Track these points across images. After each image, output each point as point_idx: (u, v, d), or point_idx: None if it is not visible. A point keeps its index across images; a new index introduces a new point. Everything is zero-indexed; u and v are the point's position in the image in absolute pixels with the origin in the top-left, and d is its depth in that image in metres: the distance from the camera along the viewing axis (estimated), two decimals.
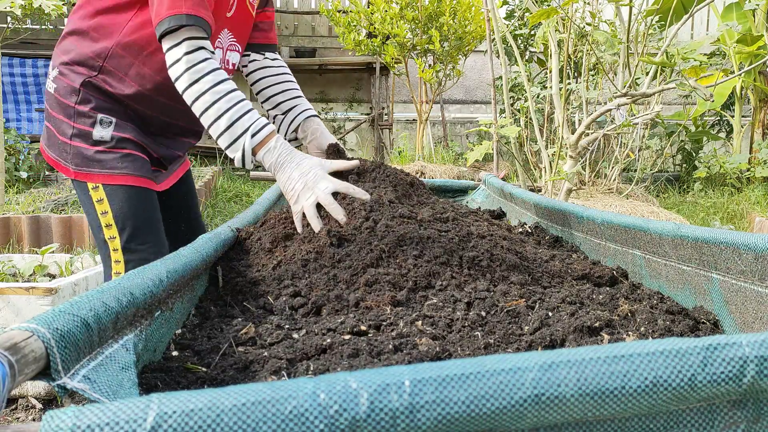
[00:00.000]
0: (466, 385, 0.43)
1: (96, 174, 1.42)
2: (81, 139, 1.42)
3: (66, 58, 1.44)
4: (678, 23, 2.32)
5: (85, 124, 1.41)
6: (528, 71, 5.47)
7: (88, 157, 1.42)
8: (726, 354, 0.46)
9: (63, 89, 1.43)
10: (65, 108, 1.43)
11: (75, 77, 1.42)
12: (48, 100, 1.48)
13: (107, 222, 1.43)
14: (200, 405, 0.40)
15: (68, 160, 1.44)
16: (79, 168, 1.43)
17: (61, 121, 1.44)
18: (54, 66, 1.47)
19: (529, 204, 1.85)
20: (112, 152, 1.42)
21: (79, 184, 1.45)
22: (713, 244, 0.92)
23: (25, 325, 0.55)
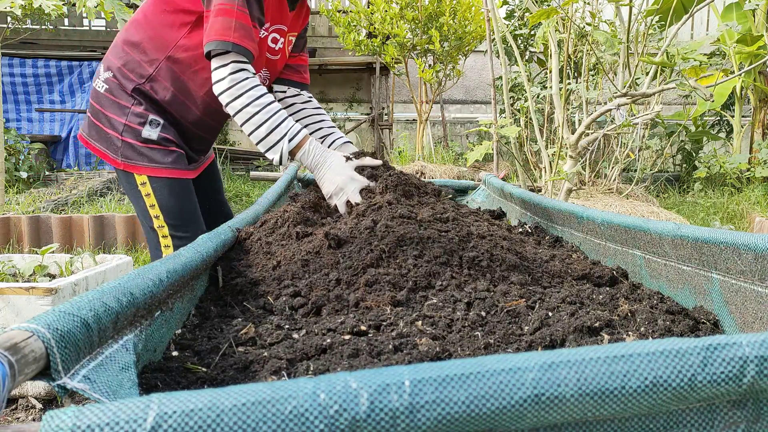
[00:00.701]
0: (466, 385, 0.43)
1: (143, 166, 1.60)
2: (131, 136, 1.59)
3: (119, 63, 1.61)
4: (678, 23, 2.32)
5: (135, 123, 1.59)
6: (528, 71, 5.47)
7: (137, 151, 1.59)
8: (726, 354, 0.46)
9: (116, 90, 1.61)
10: (119, 107, 1.60)
11: (127, 82, 1.60)
12: (96, 98, 1.64)
13: (155, 213, 1.63)
14: (200, 405, 0.40)
15: (117, 152, 1.60)
16: (128, 160, 1.60)
17: (112, 117, 1.60)
18: (106, 68, 1.64)
19: (529, 204, 1.85)
20: (158, 148, 1.61)
21: (126, 175, 1.62)
22: (713, 244, 0.92)
23: (25, 325, 0.55)
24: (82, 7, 3.62)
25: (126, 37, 1.62)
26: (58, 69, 7.12)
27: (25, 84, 7.11)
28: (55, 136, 7.04)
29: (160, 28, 1.58)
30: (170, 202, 1.62)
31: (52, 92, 7.20)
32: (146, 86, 1.60)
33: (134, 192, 1.63)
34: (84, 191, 4.74)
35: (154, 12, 1.59)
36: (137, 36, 1.60)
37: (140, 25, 1.60)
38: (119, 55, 1.61)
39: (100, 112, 1.63)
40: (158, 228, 1.64)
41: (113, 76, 1.61)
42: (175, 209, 1.63)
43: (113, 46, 1.65)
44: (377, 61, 7.22)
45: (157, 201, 1.61)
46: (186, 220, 1.65)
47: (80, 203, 4.44)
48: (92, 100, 1.66)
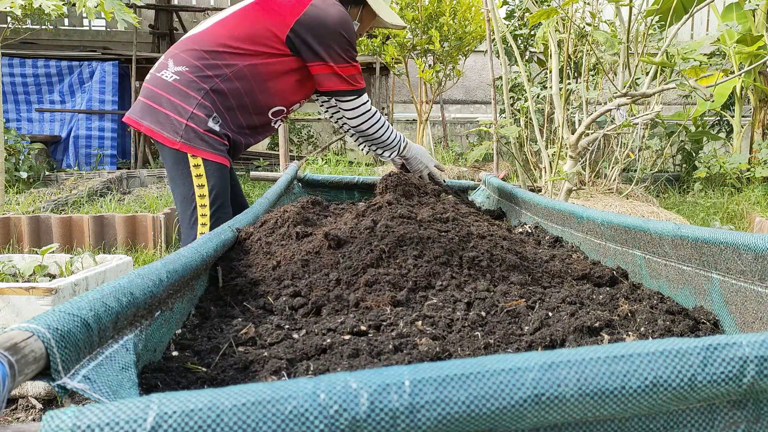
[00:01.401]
0: (466, 385, 0.43)
1: (201, 150, 1.78)
2: (196, 122, 1.77)
3: (197, 62, 1.79)
4: (678, 23, 2.32)
5: (203, 113, 1.78)
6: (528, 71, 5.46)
7: (199, 135, 1.78)
8: (726, 354, 0.46)
9: (188, 83, 1.78)
10: (188, 97, 1.78)
11: (201, 80, 1.78)
12: (161, 86, 1.81)
13: (202, 193, 1.81)
14: (200, 405, 0.40)
15: (177, 133, 1.77)
16: (188, 142, 1.77)
17: (179, 104, 1.78)
18: (179, 63, 1.81)
19: (529, 204, 1.85)
20: (216, 138, 1.81)
21: (179, 155, 1.78)
22: (713, 244, 0.92)
23: (25, 325, 0.55)
24: (82, 7, 3.62)
25: (205, 43, 1.82)
26: (58, 69, 7.11)
27: (25, 84, 7.11)
28: (55, 136, 7.04)
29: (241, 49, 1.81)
30: (220, 184, 1.82)
31: (52, 92, 7.20)
32: (219, 86, 1.79)
33: (184, 172, 1.80)
34: (84, 191, 4.74)
35: (237, 37, 1.82)
36: (218, 47, 1.81)
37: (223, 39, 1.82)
38: (197, 56, 1.81)
39: (163, 97, 1.79)
40: (200, 207, 1.82)
41: (188, 71, 1.79)
42: (222, 192, 1.83)
43: (189, 45, 1.84)
44: (377, 61, 7.22)
45: (207, 182, 1.80)
46: (225, 200, 1.86)
47: (80, 203, 4.44)
48: (153, 87, 1.82)
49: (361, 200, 2.49)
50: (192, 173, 1.80)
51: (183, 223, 1.88)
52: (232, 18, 1.86)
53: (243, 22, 1.83)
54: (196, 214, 1.82)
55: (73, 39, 8.23)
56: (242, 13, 1.86)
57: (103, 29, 8.44)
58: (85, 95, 7.13)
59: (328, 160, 6.58)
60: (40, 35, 7.61)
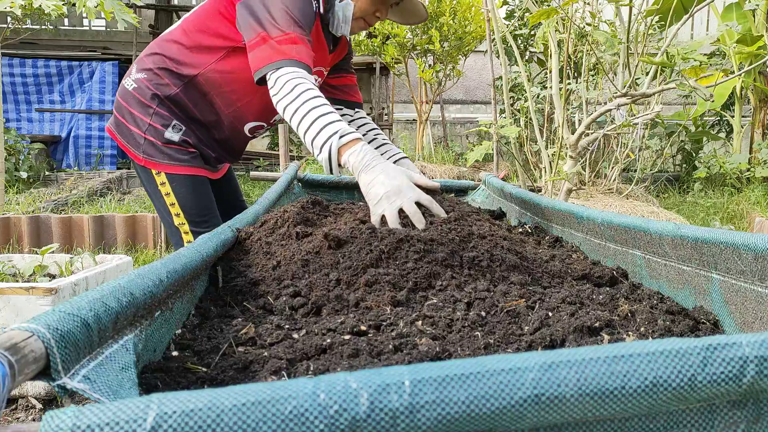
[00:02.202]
0: (466, 385, 0.43)
1: (162, 164, 1.67)
2: (153, 135, 1.66)
3: (154, 67, 1.67)
4: (678, 23, 2.32)
5: (159, 124, 1.66)
6: (528, 71, 5.46)
7: (158, 149, 1.67)
8: (726, 354, 0.46)
9: (145, 92, 1.67)
10: (145, 107, 1.66)
11: (158, 87, 1.66)
12: (124, 96, 1.70)
13: (176, 211, 1.70)
14: (200, 405, 0.40)
15: (139, 148, 1.68)
16: (149, 157, 1.67)
17: (137, 116, 1.67)
18: (140, 69, 1.70)
19: (529, 204, 1.85)
20: (177, 148, 1.68)
21: (145, 171, 1.69)
22: (713, 244, 0.92)
23: (25, 325, 0.55)
24: (82, 7, 3.62)
25: (163, 45, 1.69)
26: (58, 69, 7.11)
27: (25, 84, 7.11)
28: (55, 136, 7.04)
29: (196, 47, 1.65)
30: (188, 198, 1.69)
31: (52, 92, 7.20)
32: (176, 95, 1.66)
33: (154, 189, 1.71)
34: (84, 191, 4.74)
35: (193, 30, 1.66)
36: (174, 47, 1.67)
37: (179, 38, 1.67)
38: (154, 60, 1.68)
39: (126, 108, 1.70)
40: (179, 225, 1.72)
41: (145, 78, 1.67)
42: (193, 206, 1.70)
43: (149, 50, 1.71)
44: (377, 61, 7.22)
45: (176, 198, 1.69)
46: (204, 215, 1.72)
47: (80, 203, 4.44)
48: (119, 97, 1.73)
49: (362, 201, 2.49)
50: (161, 191, 1.70)
51: (171, 238, 1.81)
52: (194, 13, 1.70)
53: (200, 10, 1.67)
54: (180, 232, 1.74)
55: (73, 39, 8.23)
56: (204, 6, 1.68)
57: (103, 29, 8.44)
58: (85, 95, 7.13)
59: None
60: (40, 35, 7.61)
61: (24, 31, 6.29)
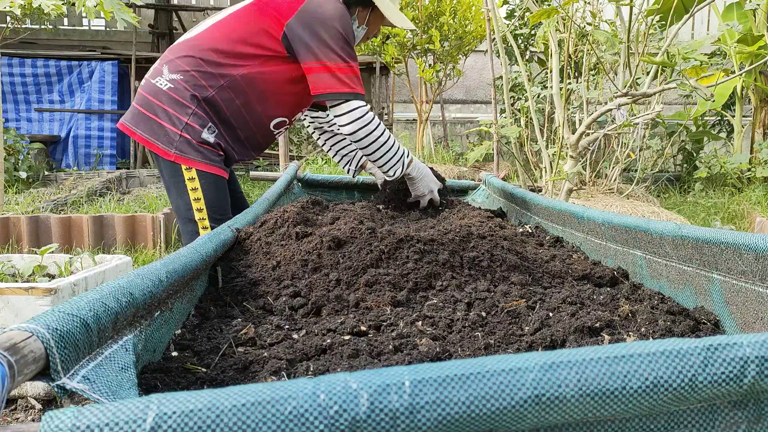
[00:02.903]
0: (467, 385, 0.43)
1: (195, 161, 1.74)
2: (190, 133, 1.74)
3: (192, 70, 1.75)
4: (678, 23, 2.32)
5: (197, 124, 1.74)
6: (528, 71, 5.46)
7: (193, 147, 1.74)
8: (727, 354, 0.46)
9: (183, 92, 1.74)
10: (182, 107, 1.73)
11: (197, 88, 1.74)
12: (156, 94, 1.76)
13: (199, 206, 1.78)
14: (200, 405, 0.40)
15: (172, 144, 1.73)
16: (182, 153, 1.73)
17: (173, 114, 1.74)
18: (174, 71, 1.76)
19: (530, 204, 1.85)
20: (209, 149, 1.77)
21: (173, 166, 1.75)
22: (714, 245, 0.92)
23: (25, 326, 0.55)
24: (82, 6, 3.62)
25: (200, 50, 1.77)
26: (57, 69, 7.11)
27: (25, 84, 7.11)
28: (54, 136, 7.04)
29: (236, 54, 1.76)
30: (215, 196, 1.79)
31: (51, 92, 7.20)
32: (212, 96, 1.75)
33: (179, 184, 1.77)
34: (83, 191, 4.74)
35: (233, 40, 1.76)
36: (212, 53, 1.76)
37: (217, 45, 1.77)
38: (190, 63, 1.75)
39: (158, 106, 1.75)
40: (199, 220, 1.80)
41: (182, 79, 1.74)
42: (217, 203, 1.80)
43: (183, 53, 1.78)
44: (377, 60, 7.21)
45: (203, 194, 1.77)
46: (223, 213, 1.83)
47: (79, 203, 4.44)
48: (148, 95, 1.77)
49: (362, 200, 2.49)
50: (187, 186, 1.76)
51: (184, 235, 1.85)
52: (228, 20, 1.81)
53: (238, 24, 1.78)
54: (197, 227, 1.79)
55: (72, 39, 8.23)
56: (238, 14, 1.80)
57: (103, 29, 8.44)
58: (85, 95, 7.13)
59: (328, 160, 6.57)
60: (39, 35, 7.61)
61: (23, 31, 6.29)
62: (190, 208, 1.78)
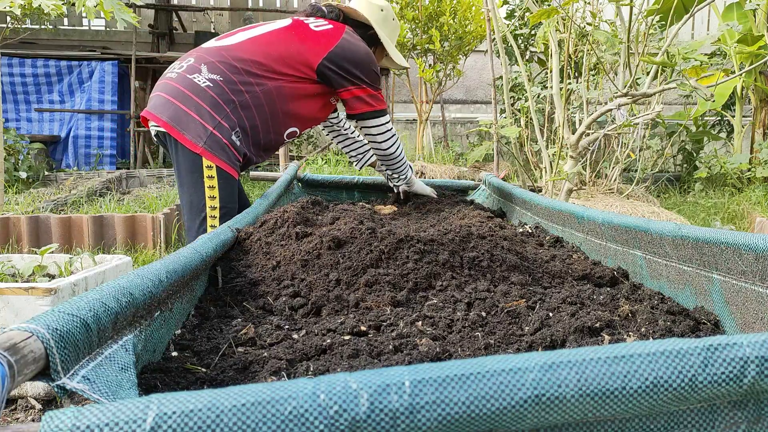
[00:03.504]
0: (467, 385, 0.43)
1: (218, 158, 1.82)
2: (222, 132, 1.82)
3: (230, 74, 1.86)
4: (679, 23, 2.32)
5: (229, 125, 1.84)
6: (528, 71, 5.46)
7: (221, 145, 1.82)
8: (727, 354, 0.46)
9: (222, 93, 1.84)
10: (219, 106, 1.83)
11: (235, 92, 1.85)
12: (193, 89, 1.84)
13: (213, 204, 1.85)
14: (200, 406, 0.40)
15: (201, 138, 1.80)
16: (210, 149, 1.81)
17: (208, 110, 1.82)
18: (213, 71, 1.87)
19: (530, 204, 1.85)
20: (234, 152, 1.87)
21: (195, 159, 1.81)
22: (714, 245, 0.92)
23: (25, 326, 0.55)
24: (82, 6, 3.62)
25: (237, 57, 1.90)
26: (57, 69, 7.11)
27: (25, 84, 7.11)
28: (54, 136, 7.04)
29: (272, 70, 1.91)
30: (228, 195, 1.87)
31: (51, 92, 7.20)
32: (245, 101, 1.87)
33: (197, 176, 1.83)
34: (83, 191, 4.74)
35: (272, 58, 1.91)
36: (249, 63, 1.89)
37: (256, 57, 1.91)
38: (228, 68, 1.87)
39: (193, 100, 1.83)
40: (210, 217, 1.86)
41: (222, 81, 1.85)
42: (231, 202, 1.89)
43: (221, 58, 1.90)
44: None
45: (219, 191, 1.85)
46: (232, 213, 1.90)
47: (79, 203, 4.44)
48: (183, 88, 1.84)
49: (362, 200, 2.49)
50: (205, 183, 1.83)
51: (189, 231, 1.89)
52: (267, 38, 1.98)
53: (278, 44, 1.95)
54: (205, 224, 1.85)
55: (72, 39, 8.23)
56: (276, 34, 1.98)
57: (103, 29, 8.44)
58: (85, 95, 7.13)
59: (328, 160, 6.58)
60: (39, 35, 7.61)
61: (23, 31, 6.29)
62: (203, 203, 1.85)
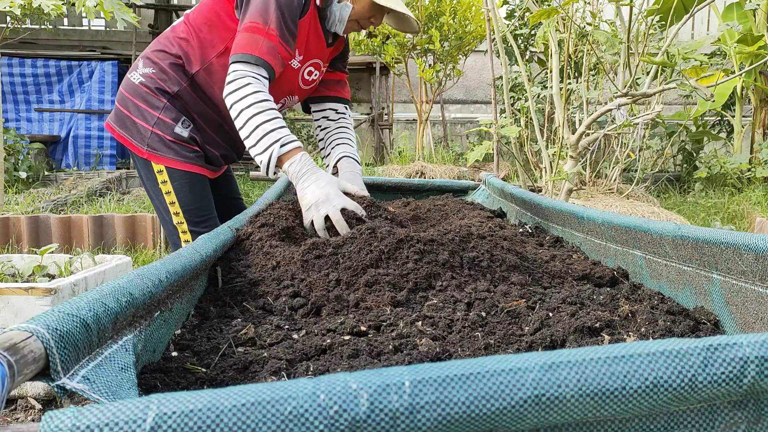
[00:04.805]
0: (467, 385, 0.43)
1: (165, 158, 1.66)
2: (162, 129, 1.66)
3: (162, 63, 1.69)
4: (678, 23, 2.32)
5: (169, 118, 1.67)
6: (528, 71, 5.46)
7: (164, 143, 1.66)
8: (727, 354, 0.46)
9: (153, 86, 1.68)
10: (153, 101, 1.67)
11: (166, 83, 1.68)
12: (129, 89, 1.70)
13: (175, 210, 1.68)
14: (200, 406, 0.40)
15: (143, 141, 1.67)
16: (153, 150, 1.66)
17: (144, 109, 1.68)
18: (146, 65, 1.71)
19: (530, 204, 1.85)
20: (183, 145, 1.68)
21: (146, 165, 1.68)
22: (714, 245, 0.92)
23: (25, 326, 0.55)
24: (82, 6, 3.62)
25: (168, 42, 1.72)
26: (57, 69, 7.11)
27: (25, 84, 7.11)
28: (54, 136, 7.04)
29: (200, 43, 1.68)
30: (188, 197, 1.69)
31: (51, 92, 7.20)
32: (183, 89, 1.69)
33: (154, 186, 1.70)
34: (83, 191, 4.74)
35: (196, 27, 1.68)
36: (179, 44, 1.70)
37: (183, 35, 1.70)
38: (160, 57, 1.70)
39: (131, 101, 1.70)
40: (178, 224, 1.71)
41: (153, 73, 1.69)
42: (192, 205, 1.69)
43: (155, 47, 1.73)
44: (377, 60, 7.22)
45: (176, 197, 1.68)
46: (203, 215, 1.72)
47: (79, 203, 4.44)
48: (124, 90, 1.73)
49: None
50: (161, 188, 1.69)
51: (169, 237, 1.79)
52: (193, 10, 1.75)
53: (203, 8, 1.71)
54: (177, 230, 1.73)
55: (72, 39, 8.23)
56: (203, 2, 1.72)
57: (103, 29, 8.44)
58: (85, 95, 7.13)
59: None
60: (39, 35, 7.61)
61: (23, 31, 6.29)
62: (167, 212, 1.71)
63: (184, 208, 1.69)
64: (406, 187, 2.72)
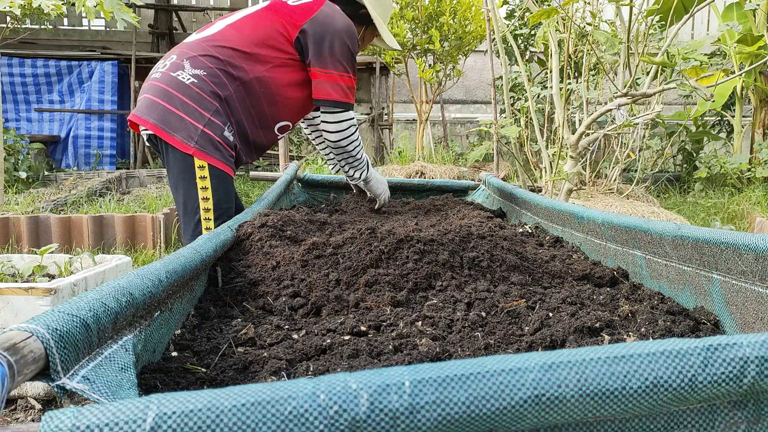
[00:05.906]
0: (467, 385, 0.43)
1: (211, 157, 1.76)
2: (213, 130, 1.77)
3: (214, 67, 1.79)
4: (678, 23, 2.32)
5: (219, 121, 1.78)
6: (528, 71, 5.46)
7: (213, 143, 1.76)
8: (727, 354, 0.46)
9: (206, 88, 1.77)
10: (206, 102, 1.76)
11: (219, 86, 1.78)
12: (178, 87, 1.77)
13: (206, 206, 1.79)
14: (200, 406, 0.40)
15: (192, 138, 1.74)
16: (201, 148, 1.75)
17: (195, 108, 1.76)
18: (196, 66, 1.80)
19: (530, 204, 1.85)
20: (227, 148, 1.81)
21: (186, 159, 1.75)
22: (714, 245, 0.92)
23: (24, 326, 0.55)
24: (81, 6, 3.62)
25: (219, 49, 1.83)
26: (57, 69, 7.11)
27: (25, 84, 7.11)
28: (54, 136, 7.04)
29: (253, 55, 1.83)
30: (222, 194, 1.81)
31: (51, 92, 7.20)
32: (230, 95, 1.81)
33: (189, 178, 1.77)
34: (83, 191, 4.74)
35: (251, 42, 1.83)
36: (231, 52, 1.82)
37: (236, 45, 1.83)
38: (211, 61, 1.80)
39: (177, 98, 1.76)
40: (204, 219, 1.81)
41: (205, 75, 1.78)
42: (225, 200, 1.82)
43: (203, 51, 1.83)
44: (377, 60, 7.22)
45: (212, 191, 1.79)
46: (228, 212, 1.85)
47: (79, 203, 4.44)
48: (169, 87, 1.77)
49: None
50: (198, 184, 1.77)
51: (185, 234, 1.84)
52: (246, 21, 1.89)
53: (257, 27, 1.86)
54: (200, 227, 1.79)
55: (72, 39, 8.23)
56: (255, 17, 1.89)
57: (103, 29, 8.44)
58: (85, 95, 7.13)
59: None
60: (39, 35, 7.61)
61: (23, 31, 6.29)
62: (197, 204, 1.79)
63: (216, 204, 1.80)
64: (406, 187, 2.72)
